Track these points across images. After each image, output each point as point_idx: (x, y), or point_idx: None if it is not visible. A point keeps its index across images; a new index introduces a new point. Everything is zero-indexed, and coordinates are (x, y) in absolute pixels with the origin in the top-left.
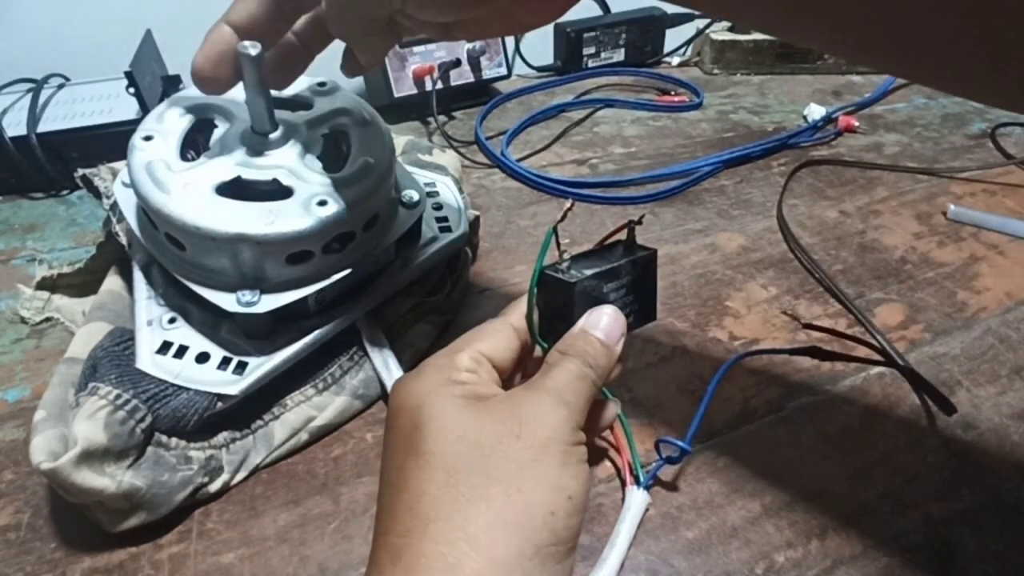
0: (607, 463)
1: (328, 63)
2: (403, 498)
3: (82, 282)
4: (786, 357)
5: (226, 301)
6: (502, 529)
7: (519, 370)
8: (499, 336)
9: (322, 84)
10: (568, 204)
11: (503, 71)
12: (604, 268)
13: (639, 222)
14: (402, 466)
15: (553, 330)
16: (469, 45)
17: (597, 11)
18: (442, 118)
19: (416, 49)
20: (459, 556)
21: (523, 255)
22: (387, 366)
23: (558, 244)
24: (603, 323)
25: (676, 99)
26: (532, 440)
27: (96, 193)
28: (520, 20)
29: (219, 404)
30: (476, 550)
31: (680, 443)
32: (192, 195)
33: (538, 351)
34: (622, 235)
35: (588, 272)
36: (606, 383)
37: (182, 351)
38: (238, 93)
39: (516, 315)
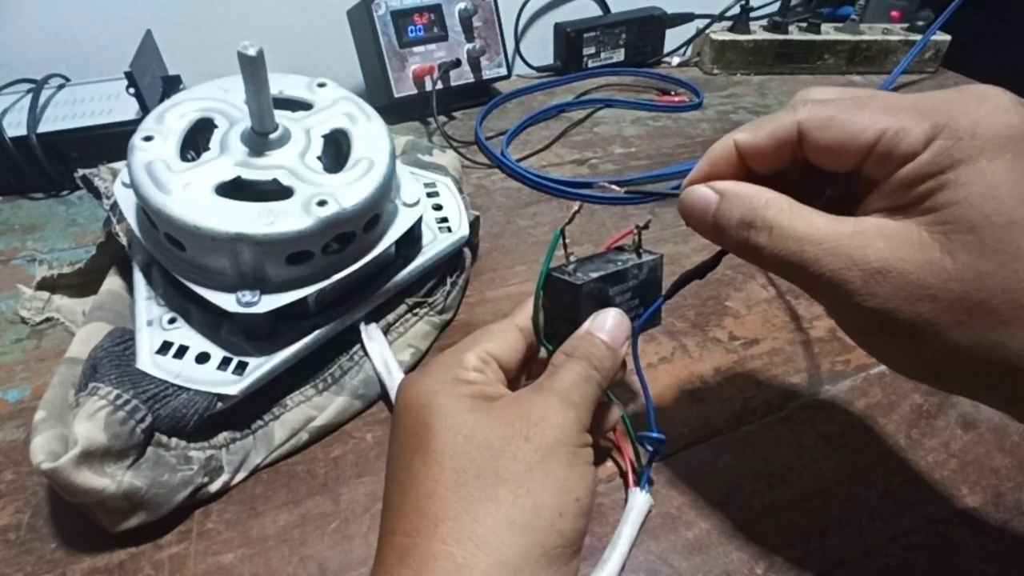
0: (607, 463)
1: (328, 62)
2: (411, 497)
3: (82, 282)
4: (786, 356)
5: (226, 301)
6: (510, 530)
7: (524, 371)
8: (505, 337)
9: (322, 84)
10: (576, 207)
11: (503, 71)
12: (610, 271)
13: (646, 227)
14: (410, 465)
15: (558, 332)
16: (469, 45)
17: (597, 11)
18: (442, 118)
19: (416, 49)
20: (468, 557)
21: (523, 255)
22: (387, 366)
23: (565, 247)
24: (608, 326)
25: (676, 99)
26: (540, 442)
27: (96, 193)
28: None
29: (219, 404)
30: (485, 551)
31: (653, 435)
32: (192, 195)
33: (543, 352)
34: (627, 240)
35: (594, 275)
36: (610, 385)
37: (182, 351)
38: (238, 94)
39: (522, 316)
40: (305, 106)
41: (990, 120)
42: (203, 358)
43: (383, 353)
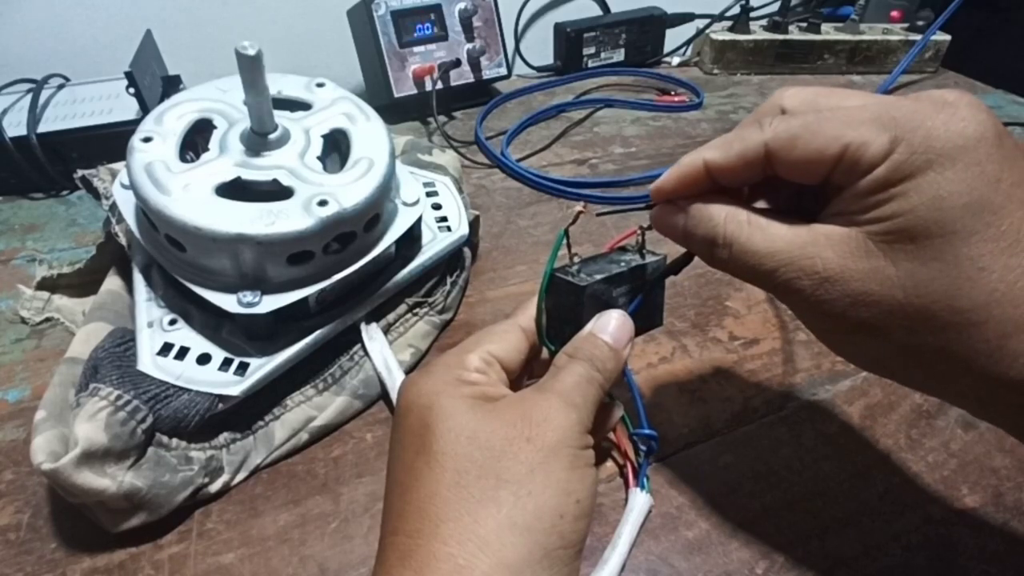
0: (607, 463)
1: (328, 62)
2: (413, 498)
3: (82, 282)
4: (786, 356)
5: (227, 302)
6: (512, 531)
7: (526, 371)
8: (508, 337)
9: (320, 84)
10: (580, 207)
11: (503, 71)
12: (613, 272)
13: (649, 227)
14: (412, 465)
15: (560, 333)
16: (469, 45)
17: (597, 11)
18: (442, 118)
19: (416, 49)
20: (469, 558)
21: (523, 255)
22: (387, 366)
23: (568, 247)
24: (611, 327)
25: (676, 99)
26: (542, 443)
27: (95, 194)
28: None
29: (220, 405)
30: (486, 552)
31: (645, 432)
32: (192, 196)
33: (545, 353)
34: (629, 241)
35: (598, 276)
36: (611, 386)
37: (183, 352)
38: (237, 94)
39: (525, 317)
40: (304, 106)
41: (944, 130)
42: (204, 359)
43: (383, 353)
